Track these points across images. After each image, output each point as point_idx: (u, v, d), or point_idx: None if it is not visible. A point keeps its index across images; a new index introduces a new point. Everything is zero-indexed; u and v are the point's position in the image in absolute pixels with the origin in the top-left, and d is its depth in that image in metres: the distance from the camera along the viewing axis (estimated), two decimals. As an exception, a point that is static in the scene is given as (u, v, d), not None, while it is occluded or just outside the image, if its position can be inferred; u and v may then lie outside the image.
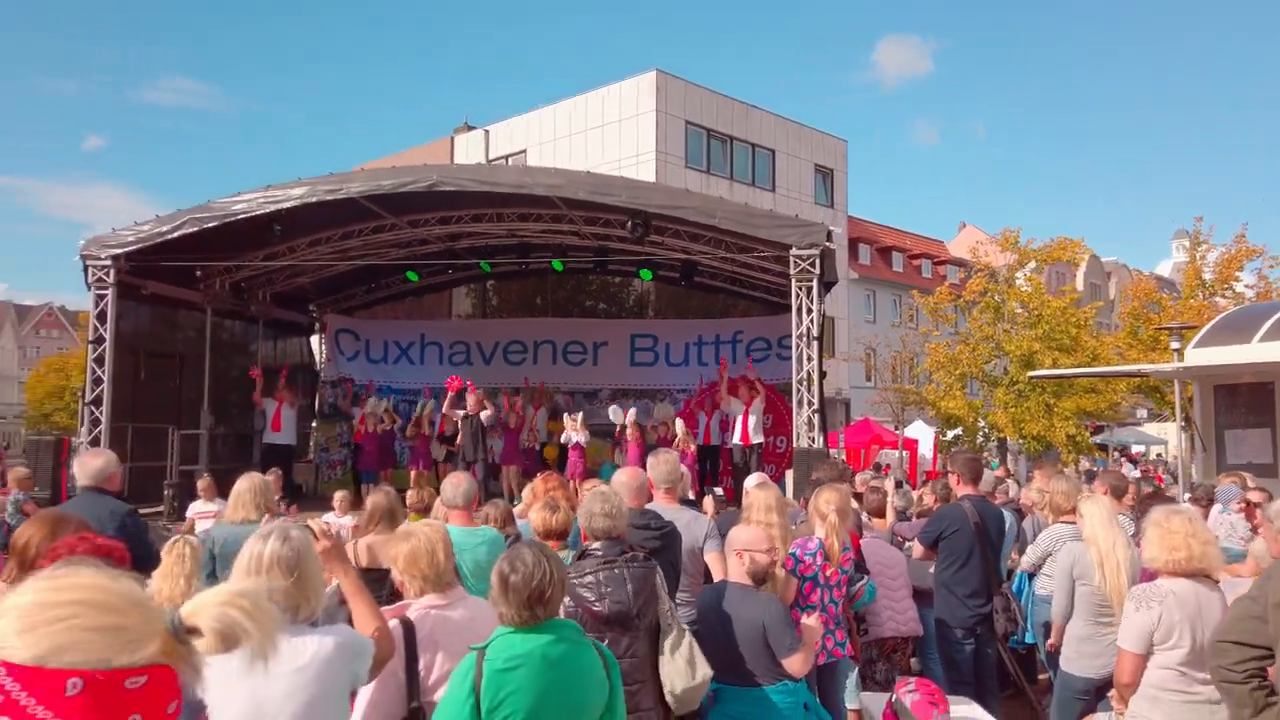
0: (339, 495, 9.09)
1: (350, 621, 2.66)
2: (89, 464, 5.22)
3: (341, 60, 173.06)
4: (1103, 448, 34.38)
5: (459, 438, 13.68)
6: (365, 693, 2.58)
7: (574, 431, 12.83)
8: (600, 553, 3.31)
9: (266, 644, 1.14)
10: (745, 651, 3.47)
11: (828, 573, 4.12)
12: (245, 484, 4.94)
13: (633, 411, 13.12)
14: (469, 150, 38.03)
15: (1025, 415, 20.16)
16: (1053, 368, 18.75)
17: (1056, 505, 5.42)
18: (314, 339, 17.25)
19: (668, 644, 3.43)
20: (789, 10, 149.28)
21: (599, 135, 33.78)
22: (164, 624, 1.06)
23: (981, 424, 22.22)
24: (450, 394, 12.70)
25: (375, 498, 5.17)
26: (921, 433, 26.64)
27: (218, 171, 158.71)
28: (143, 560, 4.63)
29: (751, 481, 5.88)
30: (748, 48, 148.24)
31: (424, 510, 5.58)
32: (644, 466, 5.03)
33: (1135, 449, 37.22)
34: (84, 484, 5.21)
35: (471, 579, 3.99)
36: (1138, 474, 21.89)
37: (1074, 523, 5.10)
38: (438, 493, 6.05)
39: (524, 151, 35.91)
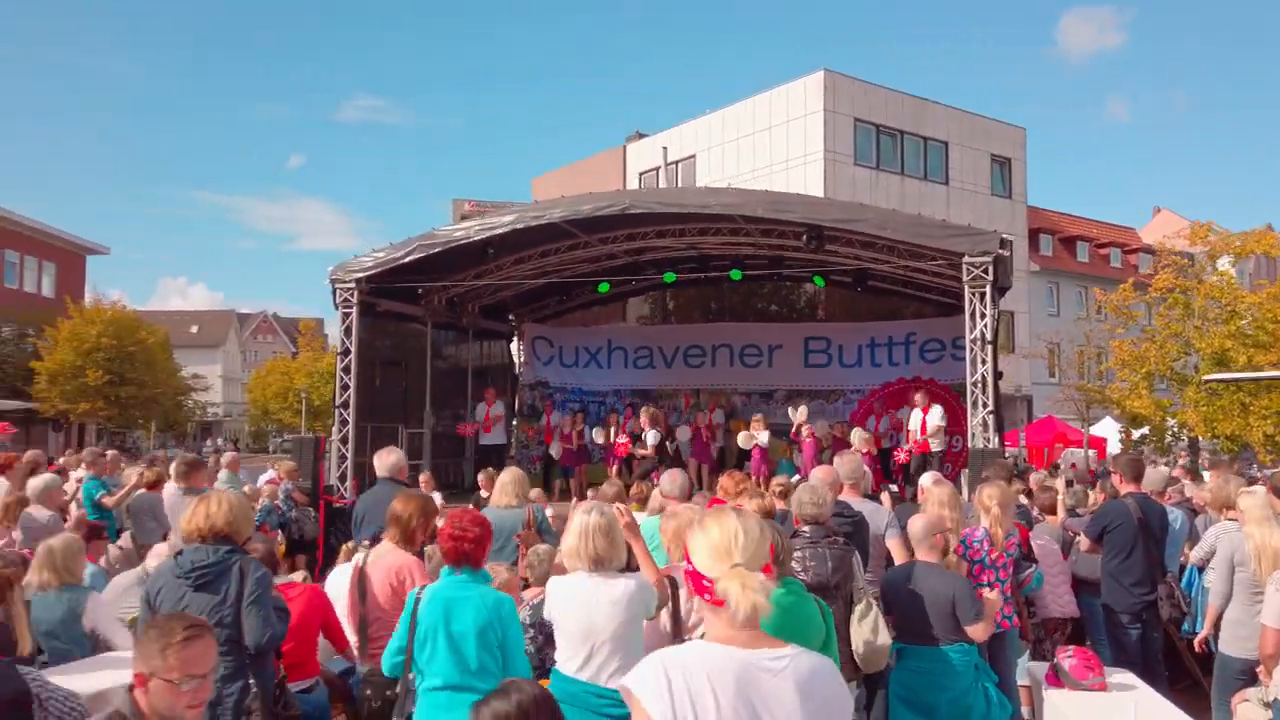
0: (535, 491, 10.48)
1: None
2: (386, 460, 6.62)
3: (516, 74, 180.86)
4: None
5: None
6: (645, 626, 3.62)
7: (756, 432, 13.77)
8: (808, 534, 4.24)
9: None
10: (932, 618, 4.31)
11: (993, 556, 4.86)
12: (509, 476, 6.17)
13: (805, 410, 14.05)
14: (640, 157, 39.27)
15: (1218, 414, 19.23)
16: (1248, 365, 17.82)
17: (1220, 502, 5.86)
18: (513, 344, 18.96)
19: (857, 612, 4.33)
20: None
21: (766, 137, 34.07)
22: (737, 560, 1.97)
23: (1170, 423, 21.33)
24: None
25: (605, 488, 6.32)
26: (1110, 431, 25.75)
27: (403, 182, 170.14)
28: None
29: (928, 479, 6.62)
30: (920, 40, 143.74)
31: (642, 500, 6.63)
32: (818, 464, 5.91)
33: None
34: (382, 475, 6.61)
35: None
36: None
37: (1237, 519, 5.54)
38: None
39: (693, 157, 36.72)
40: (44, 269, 41.71)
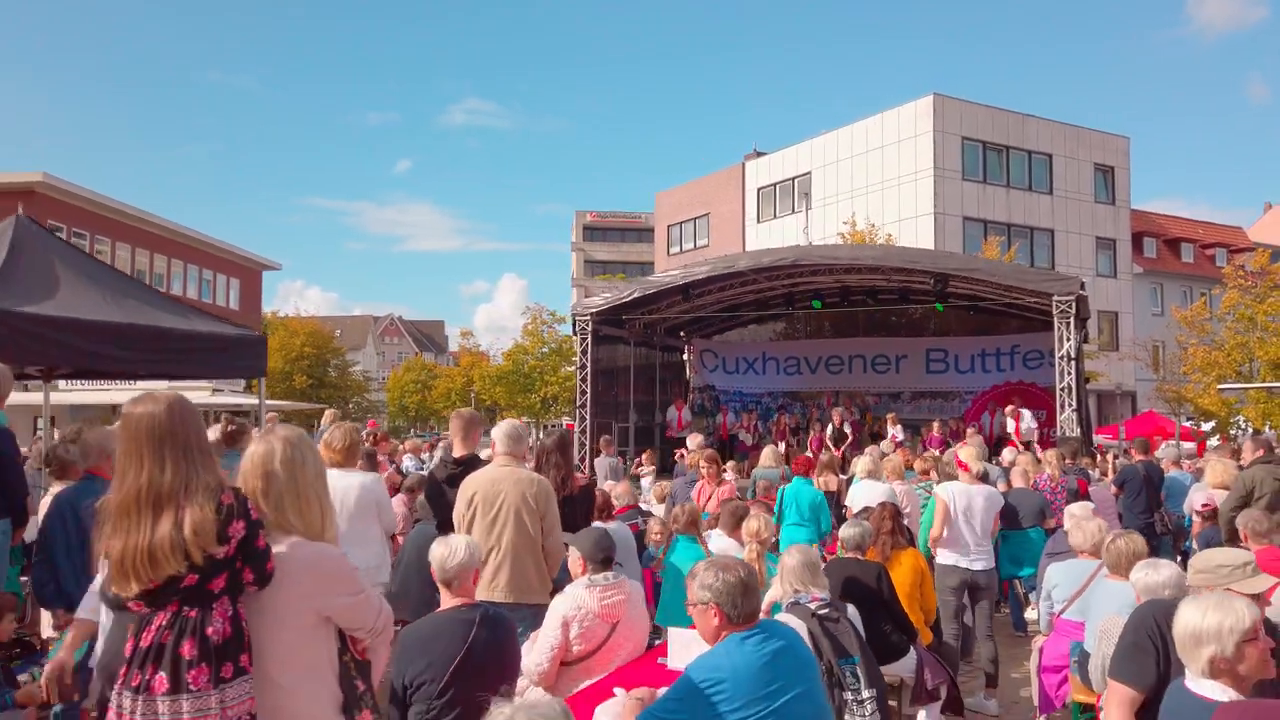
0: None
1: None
2: (694, 441, 11.22)
3: (630, 80, 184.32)
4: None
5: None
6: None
7: (892, 427, 17.99)
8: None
9: None
10: (1021, 516, 8.60)
11: (1049, 487, 9.14)
12: (769, 449, 10.68)
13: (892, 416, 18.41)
14: (758, 174, 42.63)
15: (1275, 410, 22.45)
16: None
17: (1200, 470, 9.93)
18: (684, 355, 23.54)
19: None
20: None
21: (879, 156, 36.95)
22: None
23: (1236, 418, 24.48)
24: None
25: (824, 458, 10.75)
26: (1204, 425, 28.67)
27: (511, 186, 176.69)
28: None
29: (1005, 451, 10.95)
30: (1028, 51, 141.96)
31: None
32: (943, 449, 10.28)
33: None
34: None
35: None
36: None
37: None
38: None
39: (808, 174, 39.99)
40: (230, 285, 48.40)
